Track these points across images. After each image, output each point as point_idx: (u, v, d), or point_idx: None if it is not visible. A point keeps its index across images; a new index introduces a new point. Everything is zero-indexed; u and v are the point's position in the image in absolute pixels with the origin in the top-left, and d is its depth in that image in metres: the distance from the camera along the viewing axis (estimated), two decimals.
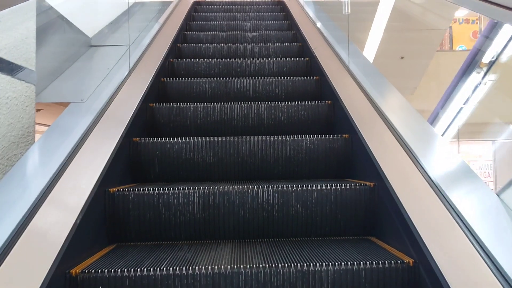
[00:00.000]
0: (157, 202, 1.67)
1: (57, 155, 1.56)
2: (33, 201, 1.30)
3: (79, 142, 1.67)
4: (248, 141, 2.13)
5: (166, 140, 2.11)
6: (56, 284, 1.19)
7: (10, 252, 1.10)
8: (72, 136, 1.70)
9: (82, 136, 1.70)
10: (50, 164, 1.51)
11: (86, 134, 1.74)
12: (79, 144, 1.66)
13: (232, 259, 1.39)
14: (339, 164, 2.15)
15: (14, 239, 1.14)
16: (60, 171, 1.48)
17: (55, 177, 1.44)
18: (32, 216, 1.24)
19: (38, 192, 1.35)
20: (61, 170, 1.49)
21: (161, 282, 1.28)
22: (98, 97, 2.08)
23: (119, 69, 2.52)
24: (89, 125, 1.80)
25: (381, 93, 2.13)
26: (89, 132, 1.76)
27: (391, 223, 1.55)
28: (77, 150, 1.63)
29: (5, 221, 1.20)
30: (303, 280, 1.30)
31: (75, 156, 1.59)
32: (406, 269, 1.31)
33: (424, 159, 1.49)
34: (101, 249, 1.57)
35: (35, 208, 1.28)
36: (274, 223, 1.70)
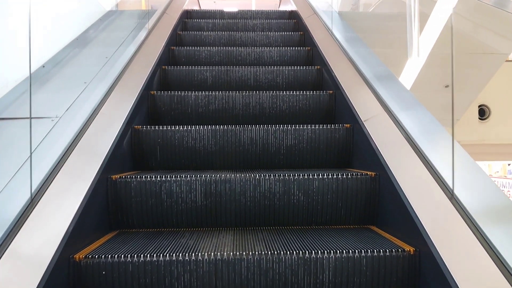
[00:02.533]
0: (159, 190, 1.68)
1: (60, 142, 1.57)
2: (36, 186, 1.31)
3: (82, 128, 1.67)
4: (249, 130, 2.13)
5: (168, 128, 2.11)
6: (60, 269, 1.19)
7: (15, 237, 1.11)
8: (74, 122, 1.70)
9: (85, 121, 1.70)
10: (53, 150, 1.51)
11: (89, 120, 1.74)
12: (82, 129, 1.66)
13: (234, 246, 1.40)
14: (340, 154, 2.15)
15: (18, 224, 1.15)
16: (62, 157, 1.48)
17: (58, 164, 1.45)
18: (36, 202, 1.25)
19: (41, 178, 1.36)
20: (64, 157, 1.49)
21: (164, 268, 1.29)
22: (101, 82, 2.09)
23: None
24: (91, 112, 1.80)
25: (384, 84, 2.13)
26: (92, 118, 1.76)
27: (392, 212, 1.56)
28: (80, 136, 1.63)
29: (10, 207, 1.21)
30: (304, 268, 1.31)
31: (78, 143, 1.59)
32: (406, 258, 1.33)
33: (427, 149, 1.50)
34: (104, 235, 1.58)
35: (39, 193, 1.29)
36: (275, 211, 1.71)
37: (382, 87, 2.08)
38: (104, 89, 2.04)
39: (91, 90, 2.00)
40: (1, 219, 1.16)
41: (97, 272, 1.28)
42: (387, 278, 1.33)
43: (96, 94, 1.97)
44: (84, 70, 2.30)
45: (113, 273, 1.28)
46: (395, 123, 1.74)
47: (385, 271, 1.33)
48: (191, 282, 1.29)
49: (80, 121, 1.72)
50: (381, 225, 1.67)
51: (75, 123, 1.69)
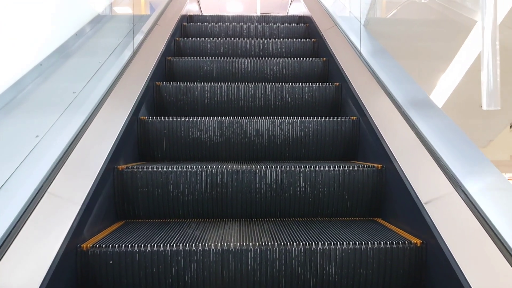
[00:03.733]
0: (165, 180, 1.68)
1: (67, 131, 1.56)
2: (43, 176, 1.31)
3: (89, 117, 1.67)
4: (255, 121, 2.13)
5: (174, 119, 2.10)
6: (68, 258, 1.20)
7: (23, 227, 1.11)
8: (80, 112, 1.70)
9: (92, 111, 1.70)
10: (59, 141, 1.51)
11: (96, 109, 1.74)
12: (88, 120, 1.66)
13: (241, 237, 1.40)
14: (346, 146, 2.15)
15: (26, 214, 1.15)
16: (69, 147, 1.48)
17: (65, 153, 1.45)
18: (44, 192, 1.25)
19: (49, 168, 1.36)
20: (70, 147, 1.49)
21: (171, 258, 1.29)
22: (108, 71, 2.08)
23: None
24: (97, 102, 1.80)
25: (390, 75, 2.11)
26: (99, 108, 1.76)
27: (398, 205, 1.56)
28: (86, 126, 1.63)
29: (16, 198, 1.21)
30: (311, 259, 1.31)
31: (84, 133, 1.59)
32: (413, 250, 1.32)
33: (434, 141, 1.49)
34: (111, 225, 1.59)
35: (46, 183, 1.29)
36: (281, 203, 1.71)
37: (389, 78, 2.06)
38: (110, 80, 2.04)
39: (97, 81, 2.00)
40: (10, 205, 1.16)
41: (104, 262, 1.29)
42: (394, 270, 1.33)
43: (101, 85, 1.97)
44: (90, 62, 2.30)
45: (120, 263, 1.28)
46: (402, 115, 1.73)
47: (391, 263, 1.33)
48: (198, 272, 1.29)
49: (86, 111, 1.71)
50: (387, 217, 1.67)
51: (80, 114, 1.69)
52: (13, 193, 1.21)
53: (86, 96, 1.83)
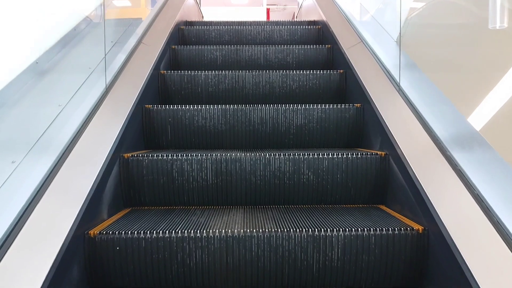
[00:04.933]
0: (170, 168, 1.70)
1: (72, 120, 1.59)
2: (50, 165, 1.33)
3: (94, 106, 1.69)
4: (259, 109, 2.14)
5: (178, 107, 2.12)
6: (76, 244, 1.23)
7: (32, 214, 1.13)
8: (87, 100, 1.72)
9: (97, 101, 1.72)
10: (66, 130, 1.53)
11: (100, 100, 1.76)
12: (94, 109, 1.67)
13: (245, 224, 1.43)
14: (350, 133, 2.15)
15: (34, 201, 1.17)
16: (76, 136, 1.50)
17: (72, 142, 1.47)
18: (52, 179, 1.27)
19: (55, 157, 1.38)
20: (77, 135, 1.51)
21: (176, 244, 1.31)
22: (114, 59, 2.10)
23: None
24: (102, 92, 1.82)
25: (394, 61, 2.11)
26: (103, 98, 1.78)
27: (401, 192, 1.57)
28: (92, 115, 1.65)
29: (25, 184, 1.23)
30: (314, 245, 1.33)
31: (90, 122, 1.61)
32: (415, 236, 1.34)
33: (437, 129, 1.49)
34: (117, 212, 1.62)
35: (54, 171, 1.31)
36: (285, 190, 1.73)
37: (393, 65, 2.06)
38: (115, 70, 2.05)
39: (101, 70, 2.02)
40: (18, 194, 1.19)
41: (111, 248, 1.31)
42: (396, 256, 1.34)
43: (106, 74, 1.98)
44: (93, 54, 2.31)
45: (126, 249, 1.31)
46: (406, 103, 1.73)
47: (393, 249, 1.34)
48: (202, 258, 1.32)
49: (92, 100, 1.73)
50: (390, 204, 1.68)
51: (86, 103, 1.71)
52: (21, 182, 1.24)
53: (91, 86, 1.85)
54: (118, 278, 1.32)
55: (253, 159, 1.71)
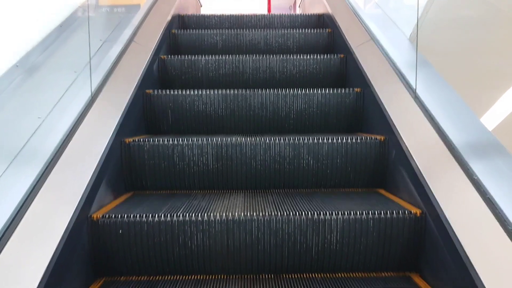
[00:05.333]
0: (171, 153, 1.72)
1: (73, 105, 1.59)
2: (53, 150, 1.34)
3: (95, 93, 1.70)
4: (260, 94, 2.14)
5: (179, 92, 2.12)
6: (79, 227, 1.25)
7: (35, 198, 1.15)
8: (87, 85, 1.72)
9: (98, 87, 1.72)
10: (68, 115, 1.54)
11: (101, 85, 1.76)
12: (95, 94, 1.68)
13: (245, 208, 1.45)
14: (350, 118, 2.16)
15: (38, 185, 1.19)
16: (77, 121, 1.51)
17: (73, 127, 1.48)
18: (55, 164, 1.28)
19: (58, 141, 1.39)
20: (79, 120, 1.52)
21: (177, 227, 1.34)
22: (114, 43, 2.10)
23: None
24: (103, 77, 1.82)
25: (396, 46, 2.11)
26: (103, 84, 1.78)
27: (400, 176, 1.59)
28: (93, 101, 1.65)
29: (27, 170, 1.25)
30: (313, 228, 1.35)
31: (91, 108, 1.62)
32: (413, 220, 1.36)
33: (437, 114, 1.50)
34: (119, 196, 1.64)
35: (56, 156, 1.32)
36: (285, 175, 1.75)
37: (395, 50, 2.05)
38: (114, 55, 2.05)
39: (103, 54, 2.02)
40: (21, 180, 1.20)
41: (114, 231, 1.34)
42: (394, 239, 1.37)
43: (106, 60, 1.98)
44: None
45: (129, 232, 1.33)
46: (406, 87, 1.74)
47: (391, 233, 1.37)
48: (204, 241, 1.34)
49: (93, 86, 1.74)
50: (389, 188, 1.70)
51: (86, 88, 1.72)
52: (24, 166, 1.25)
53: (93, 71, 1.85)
54: (121, 260, 1.35)
55: (254, 144, 1.73)
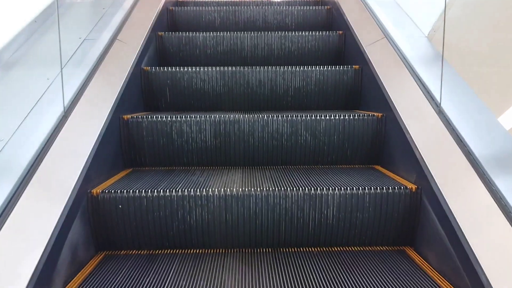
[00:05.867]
0: (170, 130, 1.72)
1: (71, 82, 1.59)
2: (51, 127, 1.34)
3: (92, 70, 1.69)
4: (258, 71, 2.14)
5: (177, 69, 2.12)
6: (78, 203, 1.27)
7: (35, 173, 1.16)
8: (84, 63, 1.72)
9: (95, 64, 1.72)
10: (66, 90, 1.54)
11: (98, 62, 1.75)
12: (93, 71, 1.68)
13: (243, 183, 1.47)
14: (348, 95, 2.16)
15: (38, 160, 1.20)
16: (76, 97, 1.51)
17: (72, 103, 1.48)
18: (54, 139, 1.29)
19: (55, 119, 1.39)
20: (77, 96, 1.52)
21: (176, 202, 1.36)
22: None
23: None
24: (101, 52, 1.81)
25: (395, 23, 2.09)
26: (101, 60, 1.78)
27: (397, 152, 1.60)
28: (90, 77, 1.65)
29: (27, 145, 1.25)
30: (310, 203, 1.37)
31: (89, 84, 1.62)
32: (408, 195, 1.38)
33: (435, 90, 1.50)
34: (118, 172, 1.65)
35: (55, 132, 1.33)
36: (283, 151, 1.76)
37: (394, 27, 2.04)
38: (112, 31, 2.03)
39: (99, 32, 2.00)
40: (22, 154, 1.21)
41: (114, 206, 1.36)
42: (389, 214, 1.39)
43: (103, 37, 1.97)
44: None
45: (129, 207, 1.35)
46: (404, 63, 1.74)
47: (387, 207, 1.39)
48: (202, 215, 1.36)
49: (89, 64, 1.73)
50: (385, 164, 1.72)
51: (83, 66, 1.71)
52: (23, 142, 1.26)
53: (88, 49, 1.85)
54: (121, 234, 1.37)
55: (252, 120, 1.74)
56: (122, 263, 1.30)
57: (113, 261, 1.32)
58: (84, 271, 1.25)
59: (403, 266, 1.27)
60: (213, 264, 1.30)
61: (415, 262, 1.30)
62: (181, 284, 1.16)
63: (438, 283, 1.15)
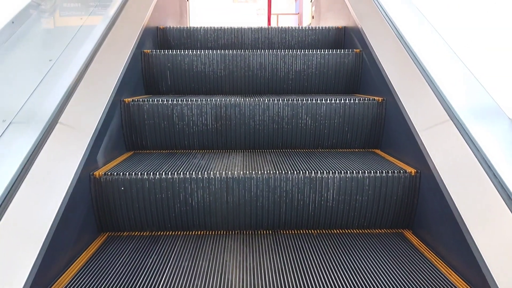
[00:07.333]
0: (171, 113, 1.73)
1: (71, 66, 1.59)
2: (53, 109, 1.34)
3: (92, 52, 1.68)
4: (258, 54, 2.13)
5: (177, 52, 2.11)
6: (82, 184, 1.28)
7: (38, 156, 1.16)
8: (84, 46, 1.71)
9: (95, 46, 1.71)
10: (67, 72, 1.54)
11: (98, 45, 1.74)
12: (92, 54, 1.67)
13: (244, 166, 1.48)
14: (349, 79, 2.16)
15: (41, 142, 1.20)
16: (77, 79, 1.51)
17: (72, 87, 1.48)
18: (55, 123, 1.29)
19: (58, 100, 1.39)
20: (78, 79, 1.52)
21: (178, 185, 1.37)
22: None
23: None
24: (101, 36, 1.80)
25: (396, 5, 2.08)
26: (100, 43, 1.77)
27: (396, 136, 1.61)
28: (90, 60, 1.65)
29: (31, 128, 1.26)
30: (310, 186, 1.39)
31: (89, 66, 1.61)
32: (408, 178, 1.40)
33: (435, 75, 1.50)
34: (120, 155, 1.66)
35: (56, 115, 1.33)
36: (283, 135, 1.77)
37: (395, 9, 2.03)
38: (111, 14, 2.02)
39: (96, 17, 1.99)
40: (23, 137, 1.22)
41: (116, 188, 1.37)
42: (388, 197, 1.41)
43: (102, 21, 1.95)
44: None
45: (131, 189, 1.37)
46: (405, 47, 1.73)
47: (386, 191, 1.40)
48: (204, 197, 1.38)
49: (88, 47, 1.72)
50: (385, 148, 1.73)
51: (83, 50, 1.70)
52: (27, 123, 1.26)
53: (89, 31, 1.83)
54: (124, 216, 1.39)
55: (252, 104, 1.74)
56: (125, 244, 1.32)
57: (116, 242, 1.34)
58: (88, 251, 1.27)
59: (401, 248, 1.29)
60: (215, 245, 1.32)
61: (413, 244, 1.33)
62: (183, 264, 1.18)
63: (435, 264, 1.18)
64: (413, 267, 1.16)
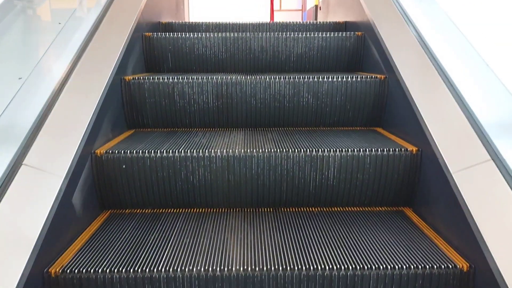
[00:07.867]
0: (171, 91, 1.72)
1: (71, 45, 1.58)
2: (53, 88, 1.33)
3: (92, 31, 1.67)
4: (260, 37, 2.12)
5: (179, 35, 2.10)
6: (84, 162, 1.28)
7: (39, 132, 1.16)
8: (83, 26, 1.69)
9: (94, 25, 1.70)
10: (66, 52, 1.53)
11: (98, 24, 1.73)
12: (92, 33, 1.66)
13: (245, 144, 1.48)
14: (350, 63, 2.15)
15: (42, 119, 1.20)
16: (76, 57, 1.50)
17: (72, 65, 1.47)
18: (54, 102, 1.28)
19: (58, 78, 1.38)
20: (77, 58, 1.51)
21: (179, 163, 1.37)
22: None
23: None
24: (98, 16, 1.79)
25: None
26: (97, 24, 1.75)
27: (398, 114, 1.61)
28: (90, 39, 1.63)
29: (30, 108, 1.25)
30: (311, 164, 1.39)
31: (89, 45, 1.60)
32: (409, 156, 1.39)
33: (438, 52, 1.49)
34: (121, 133, 1.66)
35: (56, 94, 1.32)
36: (285, 113, 1.77)
37: None
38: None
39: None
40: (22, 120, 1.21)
41: (118, 166, 1.37)
42: (389, 175, 1.41)
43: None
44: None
45: (132, 167, 1.37)
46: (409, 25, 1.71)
47: (387, 169, 1.40)
48: (205, 175, 1.38)
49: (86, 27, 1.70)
50: (387, 127, 1.72)
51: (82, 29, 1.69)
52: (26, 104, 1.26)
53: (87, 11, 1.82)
54: (126, 194, 1.40)
55: (254, 82, 1.73)
56: (127, 222, 1.33)
57: (118, 220, 1.35)
58: (90, 228, 1.28)
59: (401, 225, 1.30)
60: (216, 223, 1.33)
61: (413, 222, 1.33)
62: (185, 241, 1.19)
63: (435, 241, 1.18)
64: (413, 244, 1.17)
